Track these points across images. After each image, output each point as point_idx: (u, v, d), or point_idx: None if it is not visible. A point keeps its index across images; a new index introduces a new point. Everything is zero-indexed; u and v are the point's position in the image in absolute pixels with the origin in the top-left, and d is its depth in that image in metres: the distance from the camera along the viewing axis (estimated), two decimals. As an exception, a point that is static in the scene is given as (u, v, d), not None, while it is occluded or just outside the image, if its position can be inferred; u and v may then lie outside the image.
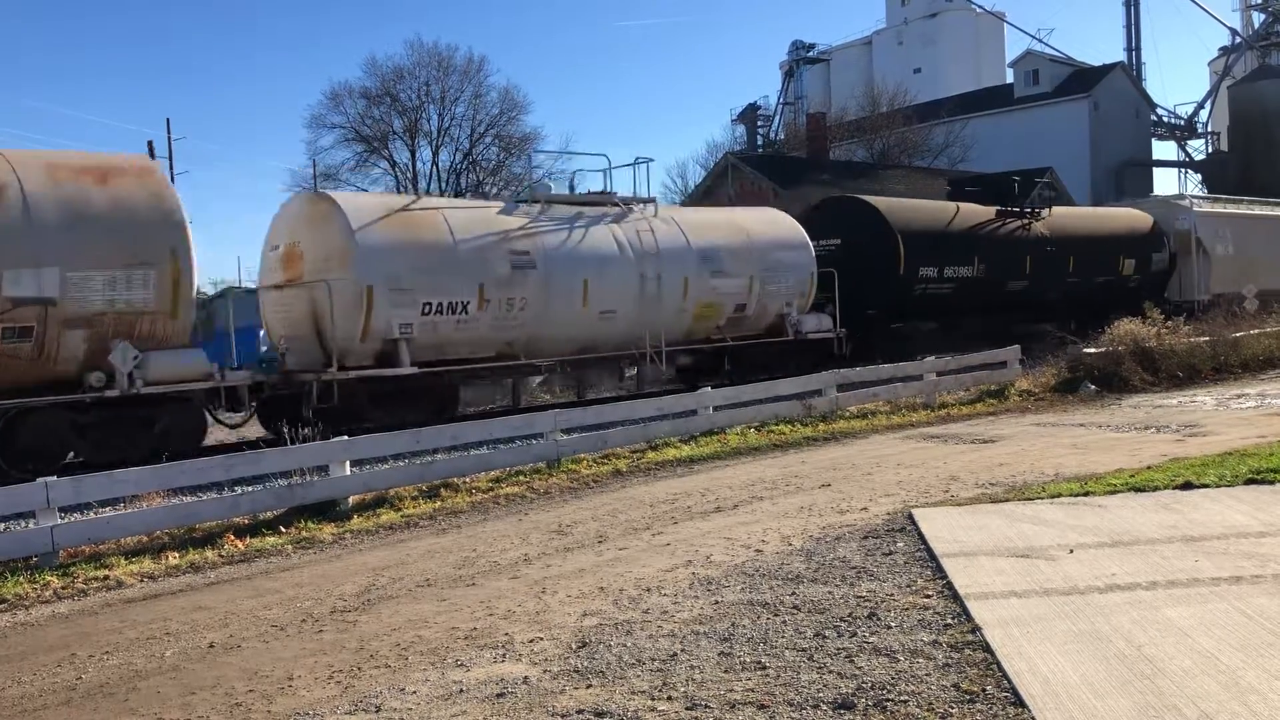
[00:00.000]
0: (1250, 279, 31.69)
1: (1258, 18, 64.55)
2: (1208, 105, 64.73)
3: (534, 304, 17.51)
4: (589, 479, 12.91)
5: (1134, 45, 66.28)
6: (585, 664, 5.92)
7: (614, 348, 19.08)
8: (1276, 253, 34.30)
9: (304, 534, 10.57)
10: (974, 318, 25.36)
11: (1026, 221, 27.16)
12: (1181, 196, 33.54)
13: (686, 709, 5.14)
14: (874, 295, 23.09)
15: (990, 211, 26.68)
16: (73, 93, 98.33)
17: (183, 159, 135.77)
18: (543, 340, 17.91)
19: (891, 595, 6.78)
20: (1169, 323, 21.71)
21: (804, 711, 5.01)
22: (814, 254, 22.04)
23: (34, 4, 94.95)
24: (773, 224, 22.25)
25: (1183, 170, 65.08)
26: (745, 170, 40.03)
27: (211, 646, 6.92)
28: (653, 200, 20.63)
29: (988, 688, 5.11)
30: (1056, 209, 28.84)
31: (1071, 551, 7.47)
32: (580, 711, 5.21)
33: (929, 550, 7.80)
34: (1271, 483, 9.46)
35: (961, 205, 26.71)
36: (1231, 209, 34.62)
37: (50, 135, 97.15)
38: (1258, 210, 35.97)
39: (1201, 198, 34.94)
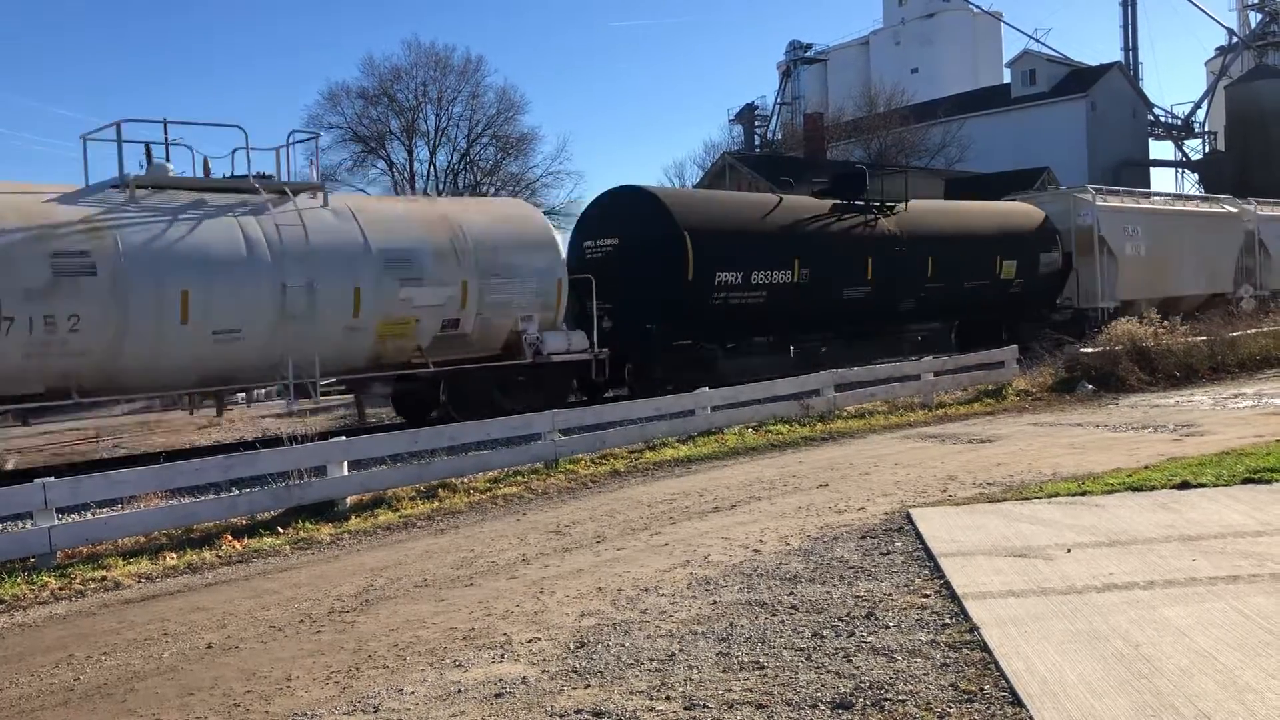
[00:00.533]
0: (1165, 283, 28.93)
1: (1254, 17, 64.68)
2: (1205, 105, 64.94)
3: (96, 323, 13.22)
4: (587, 479, 12.92)
5: (1131, 45, 66.39)
6: (583, 664, 5.93)
7: (250, 378, 15.11)
8: (1201, 254, 30.48)
9: (302, 535, 10.57)
10: (799, 333, 22.04)
11: (871, 217, 22.91)
12: (1083, 188, 29.24)
13: (685, 709, 5.15)
14: (655, 307, 19.14)
15: (824, 205, 22.61)
16: (71, 93, 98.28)
17: (181, 159, 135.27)
18: (124, 371, 13.79)
19: (889, 595, 6.79)
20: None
21: (802, 711, 5.02)
22: (564, 256, 18.45)
23: (32, 6, 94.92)
24: (502, 218, 18.09)
25: (1180, 170, 65.29)
26: (742, 170, 40.11)
27: (209, 647, 6.91)
28: (321, 187, 16.51)
29: (985, 687, 5.12)
30: (915, 203, 24.73)
31: (1069, 551, 7.48)
32: (579, 711, 5.22)
33: (927, 550, 7.81)
34: (1269, 482, 9.48)
35: (786, 198, 23.11)
36: (1145, 204, 30.70)
37: (47, 136, 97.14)
38: (1178, 206, 32.28)
39: (1110, 190, 30.75)
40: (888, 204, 23.63)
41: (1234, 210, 33.05)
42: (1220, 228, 31.90)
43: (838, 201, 22.78)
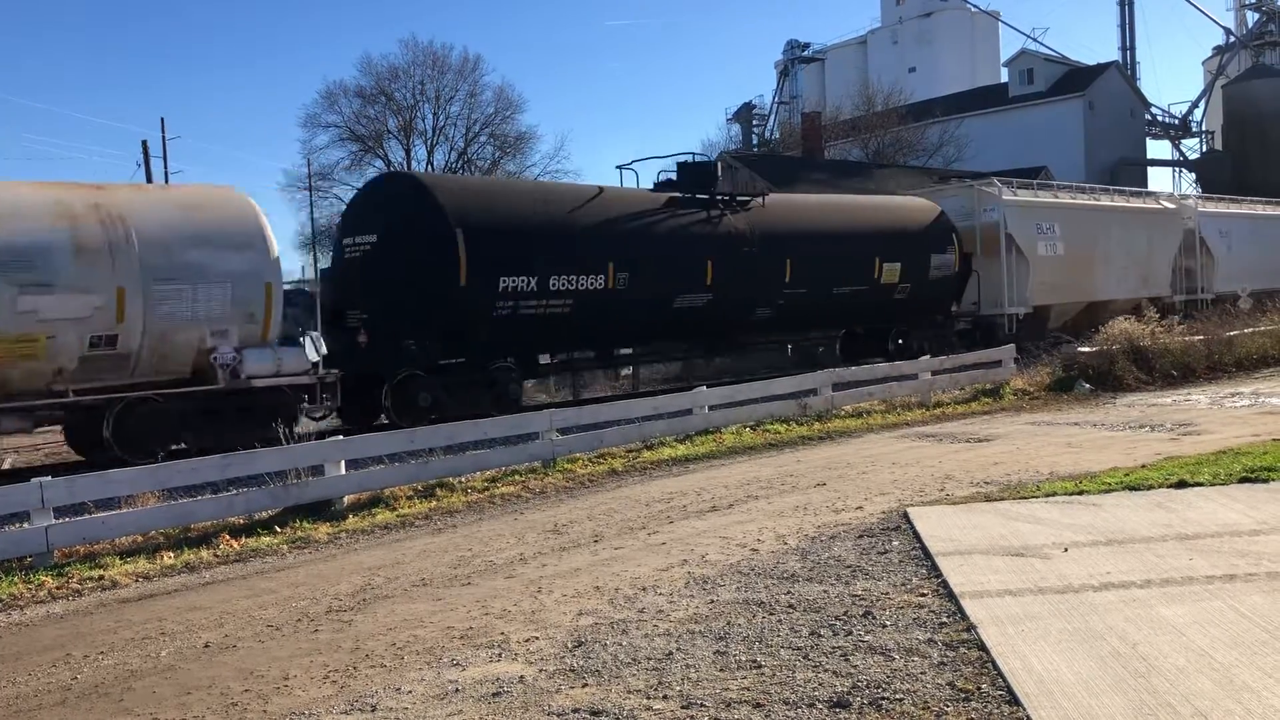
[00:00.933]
0: (1087, 286, 26.67)
1: (1251, 17, 64.76)
2: (1202, 104, 65.03)
3: None
4: (584, 478, 12.91)
5: (1128, 44, 66.47)
6: (581, 663, 5.93)
7: None
8: (1131, 254, 27.87)
9: (299, 534, 10.57)
10: (624, 347, 19.29)
11: (715, 214, 19.87)
12: (990, 181, 26.29)
13: (682, 708, 5.15)
14: (416, 318, 16.00)
15: (657, 200, 19.63)
16: (72, 93, 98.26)
17: (178, 158, 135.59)
18: None
19: (887, 594, 6.79)
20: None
21: (799, 710, 5.02)
22: (275, 255, 14.87)
23: (33, 7, 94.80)
24: (185, 207, 14.47)
25: (1177, 169, 65.41)
26: (740, 169, 40.05)
27: (207, 646, 6.91)
28: None
29: (983, 686, 5.12)
30: (776, 197, 21.92)
31: (1066, 550, 7.49)
32: (576, 711, 5.22)
33: (924, 549, 7.82)
34: (1265, 481, 9.48)
35: (608, 189, 19.76)
36: (1066, 198, 27.69)
37: (50, 136, 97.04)
38: (1104, 201, 28.92)
39: (1022, 183, 27.74)
40: (740, 199, 20.77)
41: (1170, 206, 30.74)
42: (1155, 225, 29.40)
43: (676, 195, 19.89)
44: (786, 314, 21.08)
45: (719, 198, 20.39)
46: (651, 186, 20.81)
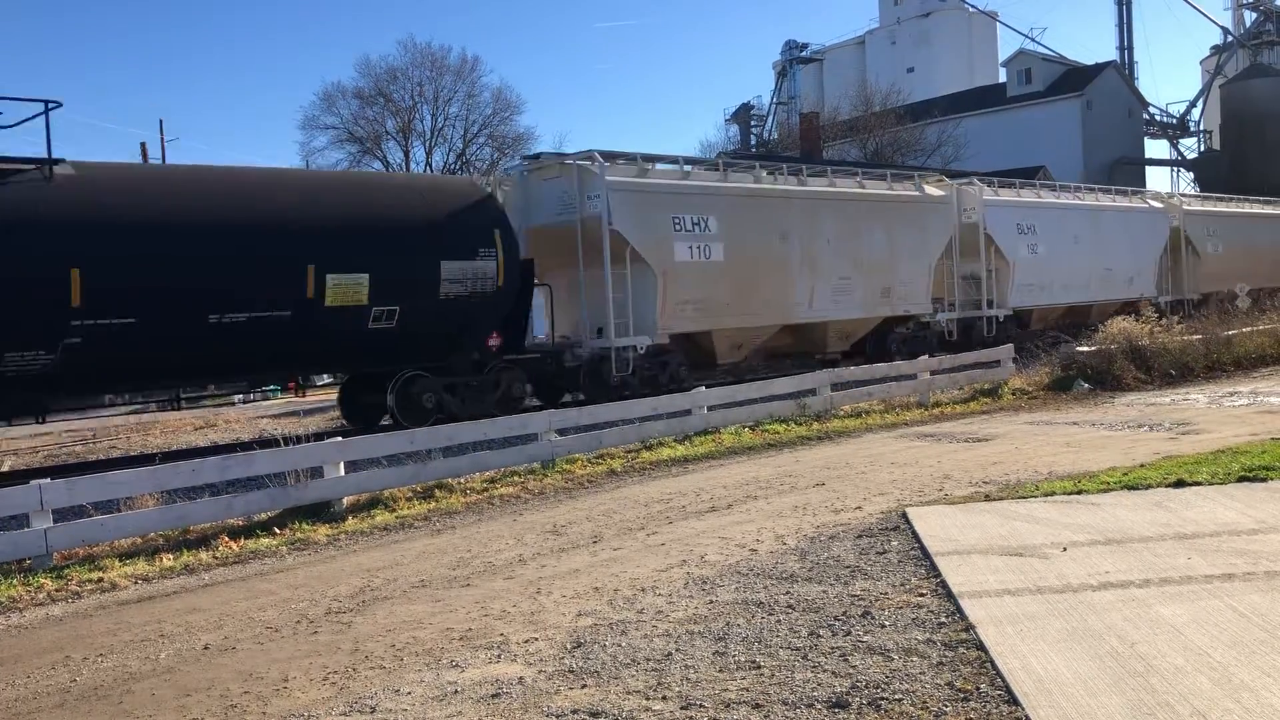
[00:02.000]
0: (772, 305, 19.78)
1: (1249, 16, 64.83)
2: (1200, 104, 65.14)
3: None
4: (583, 479, 12.91)
5: (1126, 44, 66.62)
6: (580, 664, 5.93)
7: None
8: (860, 257, 21.09)
9: (298, 535, 10.57)
10: None
11: None
12: (589, 154, 18.03)
13: (681, 708, 5.15)
14: None
15: None
16: (70, 92, 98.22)
17: (176, 159, 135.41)
18: None
19: (885, 594, 6.80)
20: None
21: (798, 710, 5.03)
22: None
23: (34, 11, 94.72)
24: None
25: (1175, 169, 65.48)
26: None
27: (206, 648, 6.91)
28: None
29: (981, 686, 5.12)
30: (95, 166, 13.42)
31: (1065, 550, 7.49)
32: (575, 711, 5.22)
33: (923, 549, 7.82)
34: (1264, 480, 9.49)
35: None
36: (740, 180, 19.82)
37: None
38: (814, 186, 21.21)
39: (664, 163, 19.43)
40: None
41: (937, 193, 23.26)
42: (905, 219, 22.18)
43: None
44: (91, 362, 12.91)
45: None
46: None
